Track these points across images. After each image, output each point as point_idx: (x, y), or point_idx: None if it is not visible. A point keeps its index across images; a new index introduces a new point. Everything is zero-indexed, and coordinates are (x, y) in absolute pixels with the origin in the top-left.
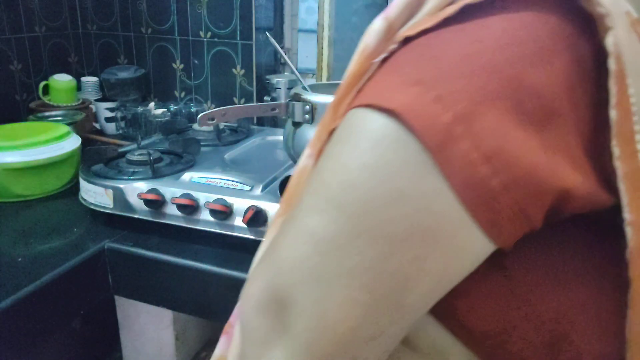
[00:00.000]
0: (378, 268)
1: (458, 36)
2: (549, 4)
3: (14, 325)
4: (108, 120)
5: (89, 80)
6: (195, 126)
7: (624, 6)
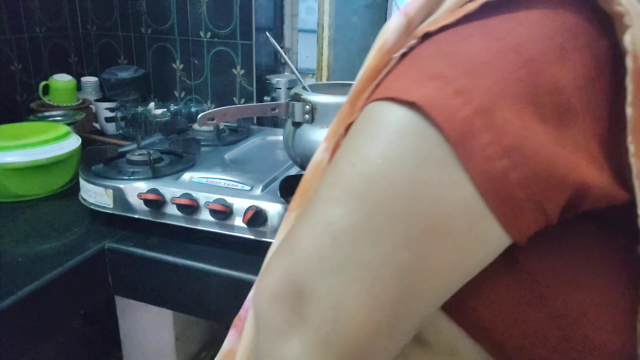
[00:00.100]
0: (397, 259)
1: (479, 32)
2: (568, 2)
3: (14, 325)
4: (108, 120)
5: (89, 80)
6: (195, 126)
7: (638, 7)
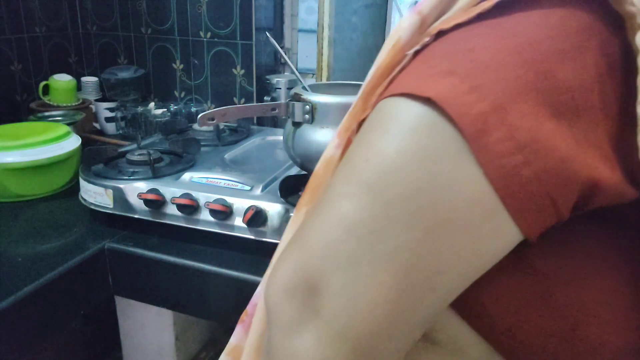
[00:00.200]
0: (411, 252)
1: (493, 30)
2: (581, 2)
3: (14, 325)
4: (108, 120)
5: (89, 80)
6: (195, 126)
7: None
